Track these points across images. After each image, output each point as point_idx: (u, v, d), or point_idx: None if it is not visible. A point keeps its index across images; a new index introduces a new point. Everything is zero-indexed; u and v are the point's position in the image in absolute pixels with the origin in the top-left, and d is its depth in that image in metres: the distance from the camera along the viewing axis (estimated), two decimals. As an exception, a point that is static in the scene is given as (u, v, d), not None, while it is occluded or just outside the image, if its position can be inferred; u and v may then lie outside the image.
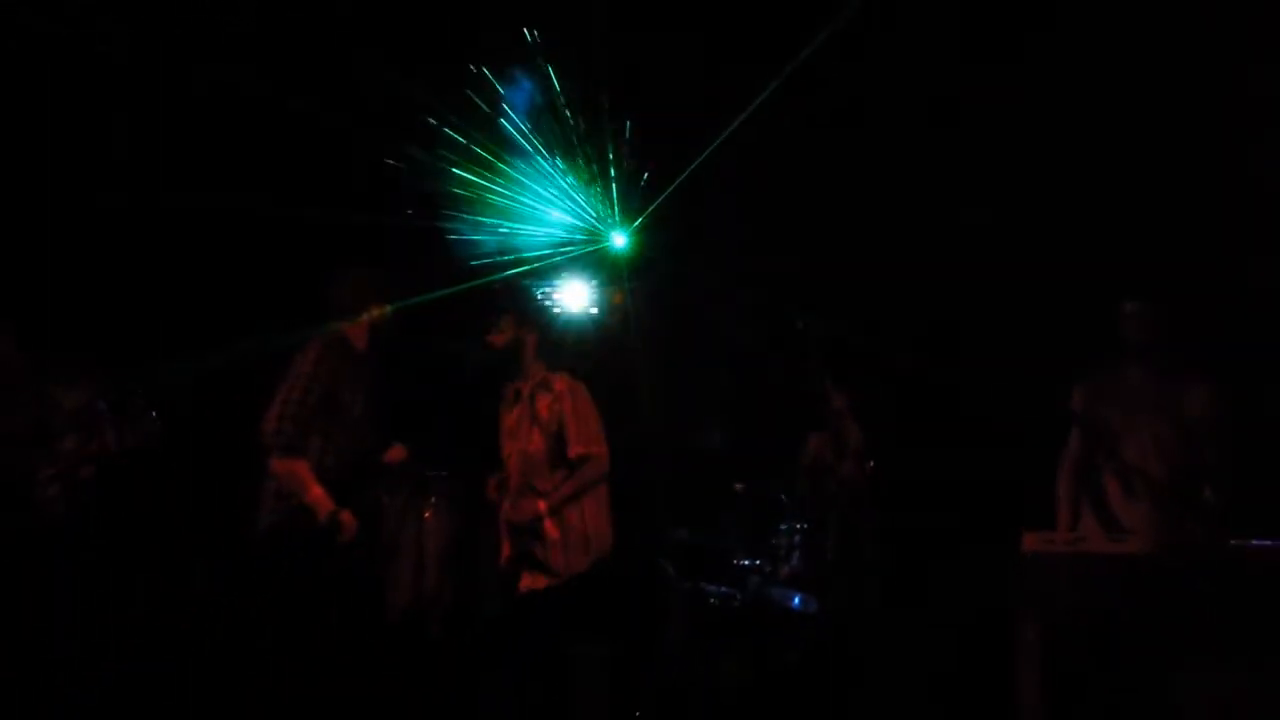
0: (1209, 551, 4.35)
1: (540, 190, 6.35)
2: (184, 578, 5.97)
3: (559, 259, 6.60)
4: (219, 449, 5.36)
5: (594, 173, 6.49)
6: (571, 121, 6.39)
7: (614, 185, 6.59)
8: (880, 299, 6.65)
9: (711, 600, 5.90)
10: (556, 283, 6.89)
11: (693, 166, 6.20)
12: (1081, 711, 4.16)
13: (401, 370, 4.84)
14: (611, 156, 6.47)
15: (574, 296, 6.98)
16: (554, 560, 4.36)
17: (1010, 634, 4.31)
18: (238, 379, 4.73)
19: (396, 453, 4.75)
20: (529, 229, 6.44)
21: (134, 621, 5.52)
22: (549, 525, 4.35)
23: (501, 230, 6.32)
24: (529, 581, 4.44)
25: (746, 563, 6.06)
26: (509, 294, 4.65)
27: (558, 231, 6.54)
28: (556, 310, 6.60)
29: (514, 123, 6.19)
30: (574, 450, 4.40)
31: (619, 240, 6.74)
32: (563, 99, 6.34)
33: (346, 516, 4.30)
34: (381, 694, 4.87)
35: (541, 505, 4.35)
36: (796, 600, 5.90)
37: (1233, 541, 4.30)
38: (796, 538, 6.03)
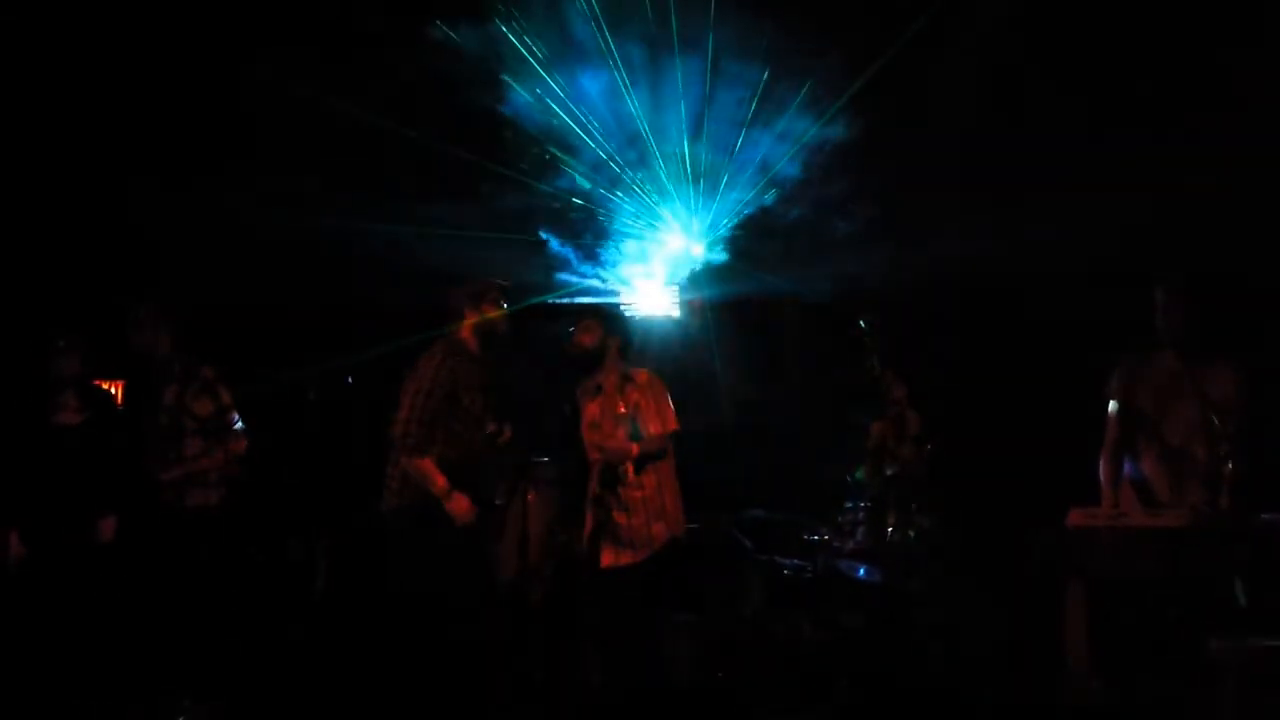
0: (1241, 525, 4.53)
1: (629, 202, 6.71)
2: (307, 559, 6.27)
3: (643, 266, 6.97)
4: (353, 441, 5.73)
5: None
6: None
7: (692, 198, 6.95)
8: (937, 295, 6.91)
9: (785, 571, 6.24)
10: (640, 289, 7.23)
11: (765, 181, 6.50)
12: (1123, 670, 4.40)
13: (508, 368, 5.14)
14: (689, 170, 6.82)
15: (656, 301, 7.31)
16: (634, 534, 4.81)
17: (1057, 601, 4.58)
18: (371, 379, 5.14)
19: (505, 435, 5.08)
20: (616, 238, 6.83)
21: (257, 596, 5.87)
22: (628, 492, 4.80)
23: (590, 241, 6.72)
24: (611, 558, 4.87)
25: (816, 538, 6.31)
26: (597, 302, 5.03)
27: (643, 240, 6.91)
28: (640, 315, 6.98)
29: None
30: (651, 429, 4.83)
31: (697, 250, 7.12)
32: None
33: (463, 504, 4.65)
34: (489, 652, 5.09)
35: (634, 449, 4.79)
36: (861, 571, 6.12)
37: (1263, 516, 4.49)
38: (861, 515, 6.23)
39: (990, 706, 5.03)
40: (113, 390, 6.32)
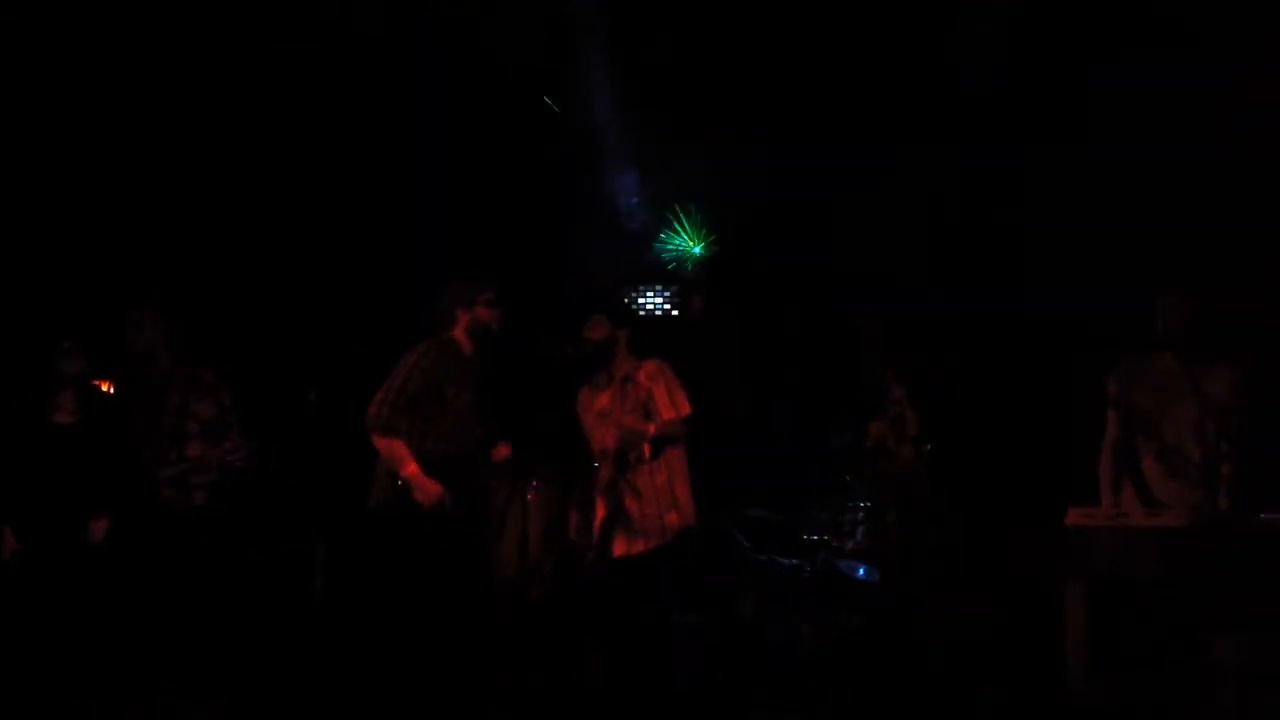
0: (1240, 525, 4.49)
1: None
2: (306, 559, 6.28)
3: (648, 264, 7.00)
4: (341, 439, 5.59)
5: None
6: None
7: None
8: (937, 296, 6.94)
9: (783, 571, 6.25)
10: (645, 285, 7.29)
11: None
12: (1122, 670, 4.35)
13: (506, 365, 5.06)
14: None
15: (660, 298, 7.35)
16: (647, 523, 4.78)
17: (1057, 601, 4.50)
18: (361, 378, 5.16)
19: (502, 450, 4.98)
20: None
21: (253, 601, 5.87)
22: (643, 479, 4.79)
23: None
24: (624, 547, 4.82)
25: (815, 538, 6.37)
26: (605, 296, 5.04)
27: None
28: (644, 311, 7.00)
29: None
30: (664, 415, 4.80)
31: (699, 248, 7.13)
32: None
33: (432, 488, 4.53)
34: (489, 652, 5.19)
35: (650, 429, 4.75)
36: (860, 571, 6.21)
37: (1262, 516, 4.45)
38: (860, 515, 6.34)
39: (990, 706, 5.03)
40: (107, 389, 6.30)
